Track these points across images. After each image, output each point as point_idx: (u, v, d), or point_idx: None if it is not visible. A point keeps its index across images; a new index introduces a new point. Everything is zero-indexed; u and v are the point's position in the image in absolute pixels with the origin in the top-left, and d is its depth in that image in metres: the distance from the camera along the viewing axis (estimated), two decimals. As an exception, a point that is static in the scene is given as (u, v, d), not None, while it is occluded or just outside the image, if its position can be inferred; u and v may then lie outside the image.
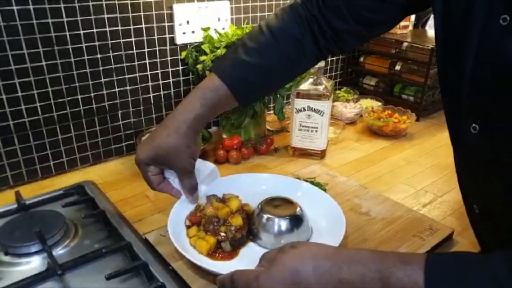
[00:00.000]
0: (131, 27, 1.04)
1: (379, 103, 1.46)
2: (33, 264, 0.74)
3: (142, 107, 1.14)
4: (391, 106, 1.40)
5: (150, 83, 1.13)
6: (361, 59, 1.60)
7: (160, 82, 1.15)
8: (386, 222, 0.86)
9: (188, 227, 0.80)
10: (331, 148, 1.20)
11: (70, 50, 0.97)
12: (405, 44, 1.45)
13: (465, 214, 0.92)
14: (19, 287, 0.66)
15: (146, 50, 1.09)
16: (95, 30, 0.99)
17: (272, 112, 1.44)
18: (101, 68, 1.03)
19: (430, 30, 1.68)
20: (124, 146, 1.14)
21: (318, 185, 0.94)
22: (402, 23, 1.50)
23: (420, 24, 1.71)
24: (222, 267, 0.70)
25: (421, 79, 1.40)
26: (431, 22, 1.73)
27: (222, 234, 0.75)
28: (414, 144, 1.27)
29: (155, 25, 1.08)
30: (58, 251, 0.76)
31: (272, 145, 1.20)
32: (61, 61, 0.96)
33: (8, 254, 0.74)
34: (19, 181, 0.99)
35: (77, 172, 1.07)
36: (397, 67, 1.48)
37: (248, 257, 0.74)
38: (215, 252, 0.74)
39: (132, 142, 1.15)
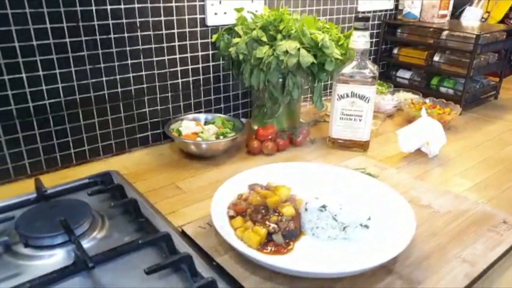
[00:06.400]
0: (161, 4, 0.96)
1: (417, 96, 1.36)
2: (57, 257, 0.64)
3: (170, 94, 1.05)
4: (432, 98, 1.30)
5: (178, 68, 1.04)
6: (395, 51, 1.51)
7: (190, 67, 1.06)
8: (452, 215, 0.76)
9: (231, 217, 0.70)
10: (372, 141, 1.10)
11: (96, 26, 0.88)
12: (446, 32, 1.36)
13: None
14: (41, 282, 0.57)
15: (175, 31, 1.00)
16: (122, 6, 0.91)
17: (304, 104, 1.35)
18: (128, 48, 0.94)
19: (465, 21, 1.59)
20: (150, 136, 1.05)
21: (370, 176, 0.85)
22: (441, 12, 1.41)
23: (455, 15, 1.62)
24: (280, 262, 0.60)
25: (463, 71, 1.31)
26: (465, 14, 1.64)
27: (273, 225, 0.65)
28: (460, 137, 1.17)
29: (186, 4, 1.00)
30: (84, 245, 0.66)
31: (308, 137, 1.11)
32: (86, 38, 0.88)
33: (28, 246, 0.65)
34: (38, 170, 0.90)
35: (99, 162, 0.98)
36: (436, 58, 1.39)
37: (305, 252, 0.64)
38: (265, 245, 0.64)
39: (158, 131, 1.06)
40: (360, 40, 0.97)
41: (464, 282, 0.59)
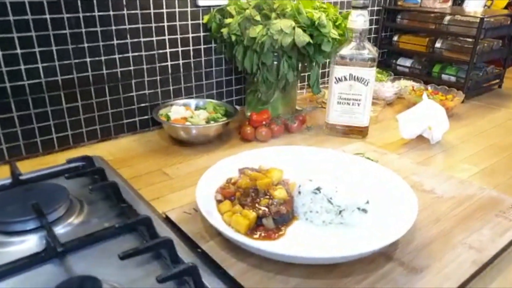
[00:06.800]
0: (148, -18, 0.91)
1: (418, 84, 1.31)
2: (28, 244, 0.59)
3: (158, 77, 1.00)
4: (433, 85, 1.25)
5: (168, 50, 0.99)
6: (395, 38, 1.46)
7: (179, 49, 1.01)
8: (457, 201, 0.71)
9: (219, 201, 0.65)
10: (371, 127, 1.05)
11: (79, 2, 0.83)
12: (448, 17, 1.31)
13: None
14: (9, 269, 0.52)
15: (164, 10, 0.95)
16: (107, -18, 0.86)
17: (301, 91, 1.30)
18: (113, 28, 0.89)
19: (468, 8, 1.54)
20: (138, 122, 1.00)
21: (369, 160, 0.80)
22: (443, -4, 1.36)
23: (457, 3, 1.57)
24: (269, 247, 0.55)
25: (466, 57, 1.25)
26: (467, 0, 1.59)
27: (264, 208, 0.60)
28: (464, 124, 1.12)
29: (175, -19, 0.95)
30: (58, 230, 0.61)
31: (304, 123, 1.05)
32: (68, 15, 0.83)
33: (-3, 232, 0.60)
34: (16, 156, 0.85)
35: (83, 148, 0.92)
36: (438, 45, 1.34)
37: (298, 237, 0.59)
38: (254, 231, 0.59)
39: (146, 117, 1.01)
40: (359, 20, 0.92)
41: (471, 269, 0.54)
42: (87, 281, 0.48)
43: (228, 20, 0.97)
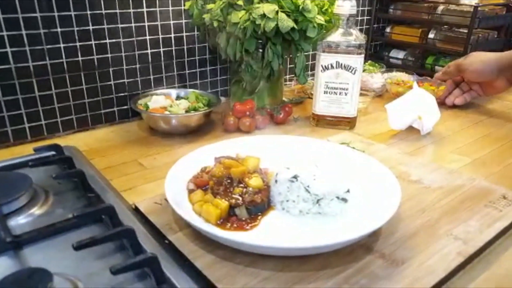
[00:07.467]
0: (126, -35, 0.87)
1: (408, 76, 1.27)
2: (-16, 236, 0.55)
3: (138, 65, 0.96)
4: (426, 78, 1.21)
5: (148, 37, 0.95)
6: (388, 29, 1.42)
7: (160, 36, 0.97)
8: (444, 191, 0.67)
9: (191, 191, 0.61)
10: (359, 119, 1.01)
11: (50, -16, 0.80)
12: (441, 7, 1.27)
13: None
14: (-43, 262, 0.48)
15: (143, -5, 0.92)
16: (81, -36, 0.82)
17: (289, 83, 1.27)
18: (88, 12, 0.85)
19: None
20: (116, 112, 0.96)
21: (353, 149, 0.76)
22: (436, -14, 1.33)
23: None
24: (237, 237, 0.52)
25: (460, 48, 1.22)
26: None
27: (236, 196, 0.56)
28: (457, 115, 1.08)
29: (154, -35, 0.91)
30: (18, 221, 0.58)
31: (291, 115, 1.02)
32: (38, -2, 0.79)
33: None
34: (-15, 145, 0.81)
35: (58, 139, 0.88)
36: (431, 36, 1.30)
37: (272, 228, 0.55)
38: (226, 221, 0.55)
39: (125, 107, 0.97)
40: (346, 5, 0.88)
41: (456, 261, 0.50)
42: (36, 273, 0.44)
43: (210, 6, 0.93)
